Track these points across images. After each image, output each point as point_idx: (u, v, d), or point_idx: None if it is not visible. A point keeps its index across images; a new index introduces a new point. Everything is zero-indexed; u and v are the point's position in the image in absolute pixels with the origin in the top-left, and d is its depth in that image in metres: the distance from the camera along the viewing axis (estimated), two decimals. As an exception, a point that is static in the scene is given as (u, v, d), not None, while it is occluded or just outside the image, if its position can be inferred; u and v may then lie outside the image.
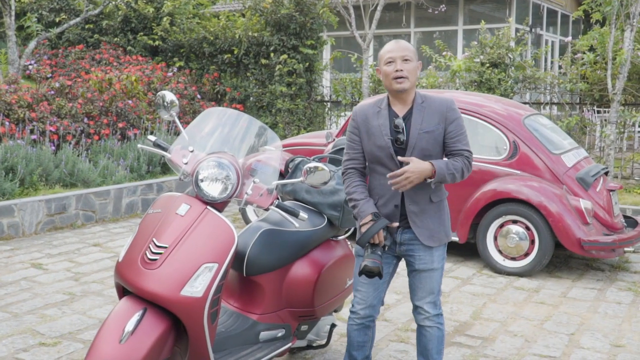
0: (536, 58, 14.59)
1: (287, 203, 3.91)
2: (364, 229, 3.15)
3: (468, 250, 6.74)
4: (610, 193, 6.41)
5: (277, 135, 10.50)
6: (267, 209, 3.20)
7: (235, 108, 11.46)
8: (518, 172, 6.26)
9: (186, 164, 3.15)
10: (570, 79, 9.47)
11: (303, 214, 3.28)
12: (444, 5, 12.82)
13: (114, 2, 12.36)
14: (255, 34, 11.35)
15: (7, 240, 6.80)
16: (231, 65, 11.88)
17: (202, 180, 3.07)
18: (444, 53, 10.30)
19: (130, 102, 9.62)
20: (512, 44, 11.02)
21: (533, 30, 15.67)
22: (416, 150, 3.17)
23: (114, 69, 11.33)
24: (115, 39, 12.57)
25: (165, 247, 2.96)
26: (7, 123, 8.00)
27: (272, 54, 11.20)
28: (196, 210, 3.05)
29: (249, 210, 7.56)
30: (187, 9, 12.57)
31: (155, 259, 2.94)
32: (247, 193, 3.11)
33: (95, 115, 9.08)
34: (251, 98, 11.60)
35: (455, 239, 6.43)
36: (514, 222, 6.15)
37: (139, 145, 3.31)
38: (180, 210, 3.06)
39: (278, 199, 3.25)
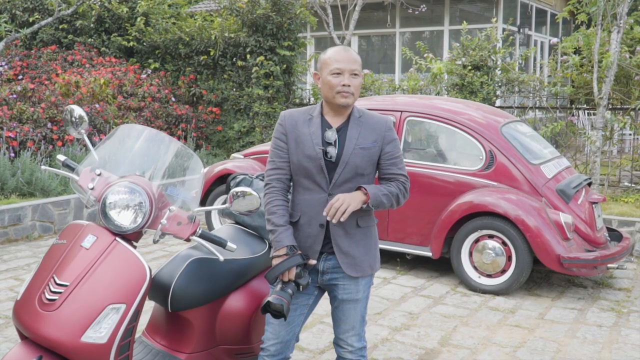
0: (525, 60, 14.25)
1: (224, 227, 3.54)
2: (274, 262, 2.77)
3: (444, 265, 6.36)
4: (593, 205, 6.04)
5: (255, 138, 10.02)
6: (187, 240, 2.81)
7: (212, 111, 11.08)
8: (495, 183, 5.88)
9: (92, 188, 2.76)
10: (555, 82, 9.09)
11: (231, 245, 2.90)
12: (424, 5, 12.44)
13: (87, 2, 11.92)
14: (232, 35, 10.95)
15: (-47, 255, 6.41)
16: (207, 67, 11.48)
17: (111, 208, 2.68)
18: (425, 55, 9.91)
19: (97, 106, 9.22)
20: (500, 44, 10.66)
21: (521, 30, 15.30)
22: (349, 167, 2.84)
23: (85, 71, 10.92)
24: (90, 39, 12.15)
25: (66, 286, 2.58)
26: (-39, 129, 7.60)
27: (248, 56, 10.80)
28: (103, 242, 2.67)
29: (214, 216, 7.15)
30: (162, 8, 12.14)
31: (54, 299, 2.57)
32: (161, 222, 2.71)
33: (59, 120, 8.68)
34: (228, 101, 11.20)
35: (428, 253, 6.06)
36: (490, 236, 5.77)
37: (43, 167, 2.92)
38: (86, 242, 2.68)
39: (200, 228, 2.86)
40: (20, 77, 11.18)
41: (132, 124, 3.03)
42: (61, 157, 2.94)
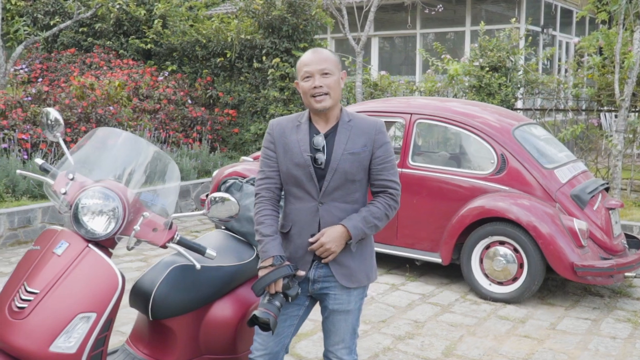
0: (551, 61, 13.96)
1: (212, 233, 3.44)
2: (261, 273, 2.66)
3: (456, 271, 6.18)
4: (610, 212, 5.82)
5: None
6: (163, 247, 2.71)
7: (228, 114, 11.02)
8: (507, 188, 5.70)
9: (65, 193, 2.67)
10: (576, 84, 8.85)
11: (210, 252, 2.79)
12: (440, 6, 12.22)
13: (106, 5, 11.95)
14: (248, 37, 10.88)
15: (-39, 258, 6.41)
16: (224, 69, 11.43)
17: (83, 214, 2.59)
18: (442, 56, 9.72)
19: (111, 108, 9.20)
20: (521, 44, 10.42)
21: (545, 31, 14.99)
22: (338, 173, 2.72)
23: (102, 73, 10.94)
24: (108, 42, 12.19)
25: (36, 293, 2.50)
26: (-26, 131, 7.63)
27: (264, 58, 10.72)
28: (75, 249, 2.58)
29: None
30: (179, 11, 12.12)
31: (23, 307, 2.49)
32: (134, 229, 2.61)
33: (73, 122, 8.68)
34: (245, 103, 11.13)
35: (437, 260, 5.90)
36: (502, 243, 5.59)
37: (18, 172, 2.85)
38: (58, 248, 2.59)
39: (178, 234, 2.75)
40: (39, 79, 11.25)
41: (108, 128, 2.93)
42: (39, 161, 2.86)
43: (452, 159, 6.30)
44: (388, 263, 6.51)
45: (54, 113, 2.80)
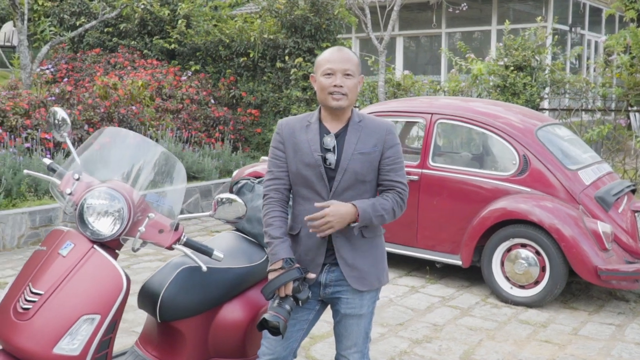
0: (579, 60, 13.72)
1: (223, 234, 3.40)
2: (270, 276, 2.61)
3: (477, 274, 6.07)
4: (636, 214, 5.67)
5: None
6: (169, 248, 2.67)
7: (251, 113, 11.00)
8: (529, 189, 5.58)
9: (70, 194, 2.65)
10: (604, 83, 8.66)
11: (218, 253, 2.75)
12: (465, 4, 12.07)
13: (130, 5, 12.02)
14: (271, 37, 10.86)
15: (-17, 256, 6.47)
16: (247, 69, 11.42)
17: (88, 214, 2.56)
18: (466, 55, 9.59)
19: (134, 108, 9.24)
20: (548, 43, 10.25)
21: (573, 29, 14.74)
22: (348, 174, 2.67)
23: (126, 73, 11.00)
24: (133, 42, 12.26)
25: (40, 294, 2.48)
26: (-1, 131, 7.70)
27: (287, 57, 10.68)
28: (80, 250, 2.56)
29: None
30: (202, 10, 12.14)
31: (28, 309, 2.47)
32: (139, 230, 2.58)
33: (96, 122, 8.73)
34: (268, 103, 11.11)
35: (457, 262, 5.81)
36: (523, 245, 5.48)
37: (25, 171, 2.83)
38: (64, 249, 2.57)
39: (184, 236, 2.71)
40: (65, 79, 11.35)
41: (117, 127, 2.92)
42: (46, 161, 2.84)
43: (473, 159, 6.20)
44: (408, 265, 6.43)
45: (60, 112, 2.79)
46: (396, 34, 15.30)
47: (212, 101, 10.94)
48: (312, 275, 2.70)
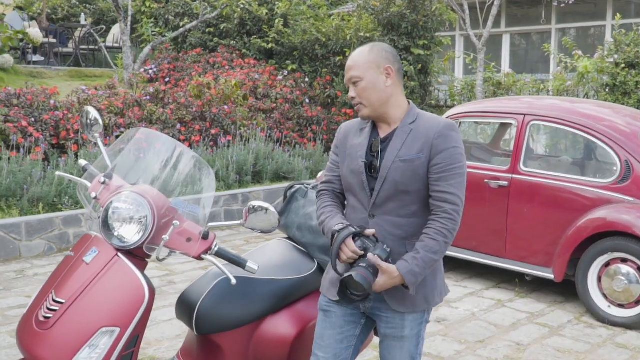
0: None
1: (273, 242, 3.20)
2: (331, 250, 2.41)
3: (572, 289, 5.56)
4: None
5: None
6: (197, 258, 2.49)
7: (345, 113, 10.81)
8: (631, 199, 5.04)
9: (95, 198, 2.52)
10: None
11: (252, 265, 2.54)
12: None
13: (230, 5, 12.13)
14: (367, 35, 10.61)
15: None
16: (343, 68, 11.22)
17: (112, 220, 2.42)
18: (573, 52, 8.94)
19: (226, 107, 9.25)
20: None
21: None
22: (388, 183, 2.40)
23: (223, 73, 11.09)
24: (232, 42, 12.38)
25: (62, 303, 2.37)
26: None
27: (383, 56, 10.38)
28: (103, 257, 2.42)
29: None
30: (300, 10, 12.06)
31: (49, 317, 2.36)
32: (163, 238, 2.41)
33: (188, 120, 8.81)
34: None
35: (549, 275, 5.34)
36: (623, 260, 4.96)
37: (57, 173, 2.74)
38: (88, 256, 2.44)
39: (216, 245, 2.52)
40: (166, 79, 11.61)
41: (150, 129, 2.77)
42: (82, 162, 2.74)
43: (569, 164, 5.70)
44: (497, 276, 6.01)
45: (93, 112, 2.68)
46: (502, 31, 14.63)
47: (307, 101, 10.82)
48: (370, 231, 2.41)
